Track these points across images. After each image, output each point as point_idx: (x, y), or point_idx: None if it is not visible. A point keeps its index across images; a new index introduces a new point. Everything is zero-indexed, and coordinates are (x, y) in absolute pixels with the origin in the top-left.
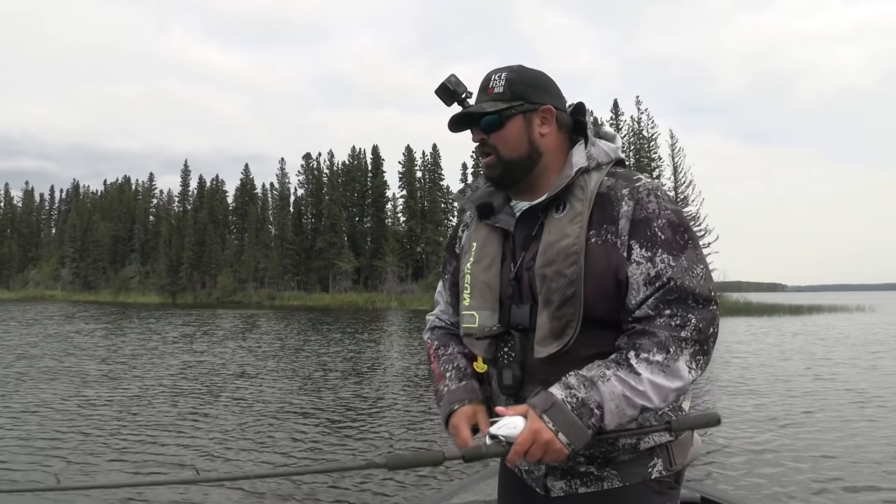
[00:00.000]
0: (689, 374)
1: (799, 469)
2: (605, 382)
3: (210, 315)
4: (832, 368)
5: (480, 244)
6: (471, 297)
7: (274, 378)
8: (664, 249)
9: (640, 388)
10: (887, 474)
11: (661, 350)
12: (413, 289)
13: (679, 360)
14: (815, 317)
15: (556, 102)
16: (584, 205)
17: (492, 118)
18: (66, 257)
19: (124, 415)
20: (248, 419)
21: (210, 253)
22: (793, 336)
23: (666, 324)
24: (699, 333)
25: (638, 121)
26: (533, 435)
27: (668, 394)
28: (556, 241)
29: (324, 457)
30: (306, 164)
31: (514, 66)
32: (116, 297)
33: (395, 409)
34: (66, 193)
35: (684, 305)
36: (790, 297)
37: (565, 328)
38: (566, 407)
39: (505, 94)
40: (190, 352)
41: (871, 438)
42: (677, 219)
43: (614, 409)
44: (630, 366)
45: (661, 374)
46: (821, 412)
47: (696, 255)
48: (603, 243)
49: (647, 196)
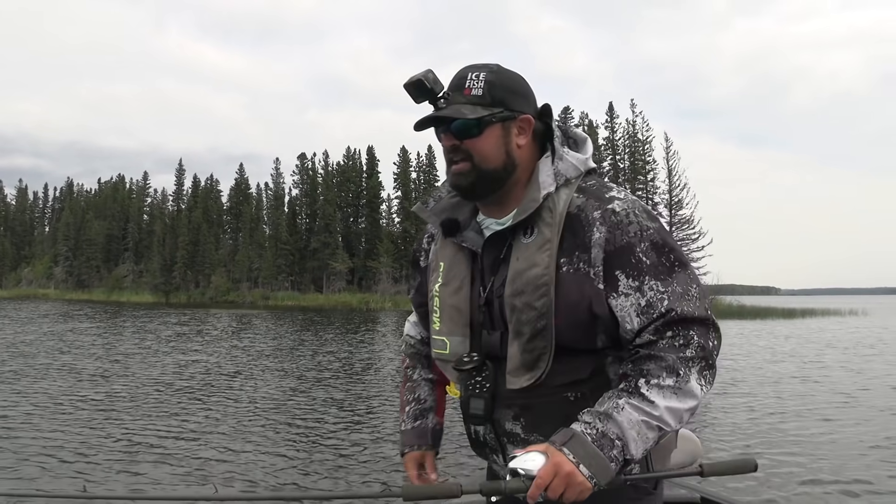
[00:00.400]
0: (701, 391)
1: (795, 468)
2: (621, 413)
3: (204, 315)
4: (822, 371)
5: (448, 264)
6: (440, 321)
7: (269, 380)
8: (651, 276)
9: (657, 413)
10: (882, 474)
11: (671, 374)
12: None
13: (690, 381)
14: (808, 320)
15: (534, 110)
16: (552, 230)
17: (468, 123)
18: (59, 256)
19: (116, 417)
20: (246, 423)
21: (204, 252)
22: (785, 339)
23: (670, 345)
24: (703, 350)
25: (633, 124)
26: (554, 468)
27: (682, 415)
28: (525, 269)
29: (324, 467)
30: (301, 164)
31: (493, 66)
32: (110, 296)
33: (392, 413)
34: (60, 192)
35: (684, 326)
36: (783, 300)
37: (537, 361)
38: (586, 438)
39: (484, 99)
40: (183, 352)
41: (861, 438)
42: (660, 238)
43: (636, 436)
44: (641, 394)
45: (674, 397)
46: (812, 413)
47: (687, 275)
48: (575, 272)
49: (626, 218)
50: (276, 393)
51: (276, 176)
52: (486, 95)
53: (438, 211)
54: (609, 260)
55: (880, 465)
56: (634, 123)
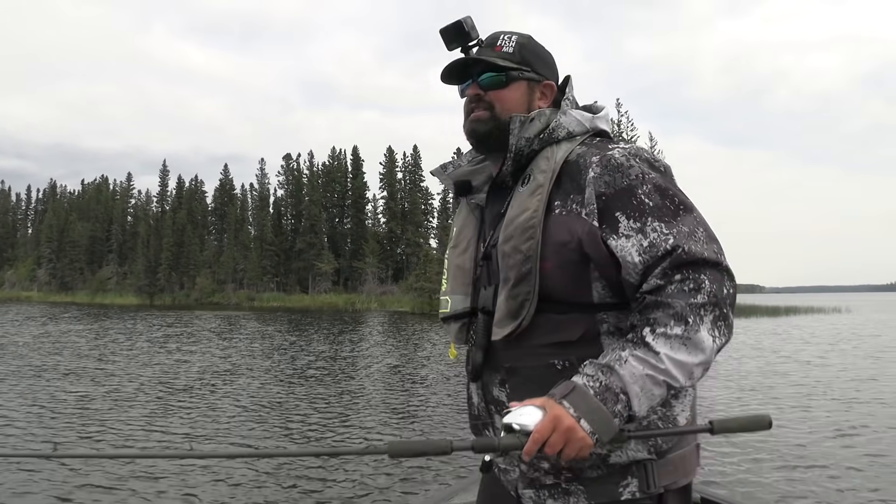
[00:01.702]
0: (713, 344)
1: (792, 468)
2: (624, 365)
3: (189, 316)
4: (811, 367)
5: (459, 227)
6: (447, 282)
7: (256, 382)
8: (655, 217)
9: (662, 367)
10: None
11: (679, 321)
12: (393, 290)
13: (700, 330)
14: (791, 318)
15: (557, 83)
16: (545, 176)
17: (497, 76)
18: (42, 258)
19: (98, 417)
20: (232, 424)
21: (188, 254)
22: (772, 335)
23: (679, 290)
24: (715, 296)
25: (618, 123)
26: (553, 422)
27: (692, 370)
28: (517, 215)
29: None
30: (286, 164)
31: (522, 34)
32: (94, 299)
33: (383, 410)
34: (43, 193)
35: (694, 268)
36: (768, 298)
37: (520, 307)
38: (588, 391)
39: (514, 56)
40: (169, 353)
41: (857, 437)
42: (664, 182)
43: (640, 391)
44: (647, 344)
45: (683, 348)
46: (806, 411)
47: (694, 217)
48: (567, 213)
49: (627, 161)
50: (264, 394)
51: (262, 177)
52: (517, 54)
53: (455, 175)
54: (608, 202)
55: (839, 453)
56: (619, 123)
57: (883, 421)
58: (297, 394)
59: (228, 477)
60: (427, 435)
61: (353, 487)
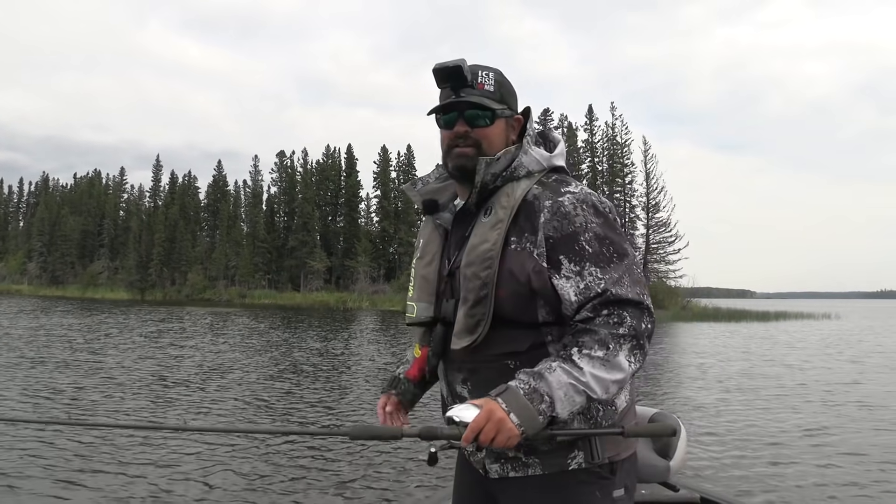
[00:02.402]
0: (629, 367)
1: (789, 466)
2: (552, 373)
3: (180, 312)
4: (794, 370)
5: (425, 240)
6: (413, 289)
7: (246, 378)
8: (592, 262)
9: (584, 379)
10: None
11: (602, 346)
12: (385, 289)
13: (619, 355)
14: (781, 323)
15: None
16: (505, 212)
17: (485, 114)
18: (33, 251)
19: (91, 408)
20: (222, 418)
21: (180, 250)
22: (761, 339)
23: (604, 322)
24: (634, 330)
25: (612, 127)
26: (487, 414)
27: (608, 385)
28: (478, 244)
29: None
30: (280, 161)
31: (495, 69)
32: (84, 293)
33: (371, 406)
34: (35, 186)
35: (619, 307)
36: (758, 303)
37: (476, 325)
38: (519, 392)
39: (495, 95)
40: (160, 348)
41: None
42: (603, 231)
43: (563, 396)
44: (573, 361)
45: (602, 367)
46: (797, 413)
47: (624, 264)
48: (521, 251)
49: (574, 210)
50: (253, 389)
51: (255, 173)
52: (497, 92)
53: (424, 192)
54: (555, 245)
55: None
56: (614, 126)
57: (854, 421)
58: (287, 389)
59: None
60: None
61: (349, 489)
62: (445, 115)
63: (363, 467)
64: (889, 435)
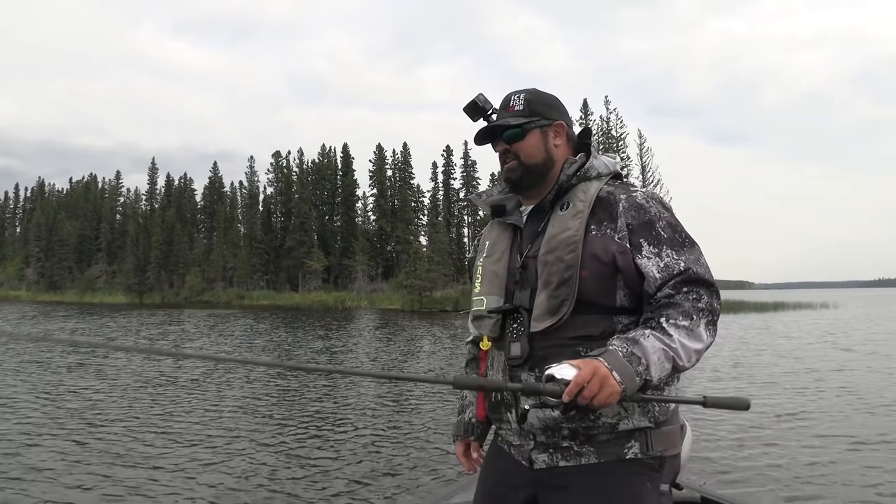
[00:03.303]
0: (707, 338)
1: (788, 463)
2: (646, 339)
3: (179, 315)
4: (787, 359)
5: (493, 241)
6: (481, 284)
7: (248, 382)
8: (668, 246)
9: (674, 346)
10: None
11: (686, 317)
12: (383, 287)
13: (700, 326)
14: (779, 313)
15: (567, 120)
16: (585, 204)
17: (515, 131)
18: (30, 257)
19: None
20: (224, 418)
21: (178, 252)
22: (757, 329)
23: (686, 297)
24: (711, 306)
25: (607, 120)
26: (593, 369)
27: (691, 354)
28: (559, 232)
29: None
30: (276, 162)
31: (530, 89)
32: (82, 298)
33: (375, 403)
34: (32, 191)
35: (696, 285)
36: (757, 294)
37: (560, 306)
38: (619, 353)
39: (524, 111)
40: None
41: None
42: (674, 220)
43: (656, 360)
44: (663, 328)
45: (687, 336)
46: (803, 409)
47: (696, 249)
48: (602, 236)
49: (647, 202)
50: (255, 388)
51: (251, 174)
52: (526, 109)
53: (490, 201)
54: (634, 230)
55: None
56: (608, 120)
57: (835, 407)
58: (287, 388)
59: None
60: (416, 426)
61: (352, 484)
62: (492, 141)
63: (377, 461)
64: (882, 419)
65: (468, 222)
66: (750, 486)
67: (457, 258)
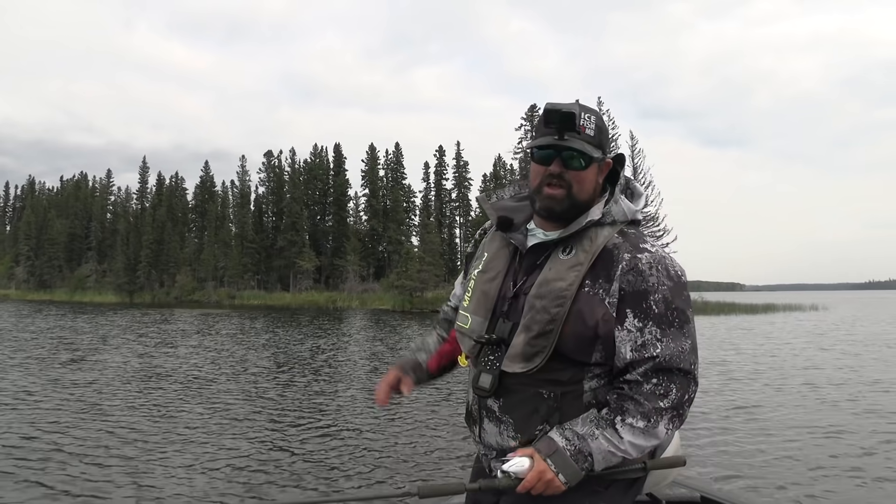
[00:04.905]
0: (665, 435)
1: (785, 463)
2: (594, 440)
3: (169, 314)
4: (771, 358)
5: (491, 255)
6: (470, 300)
7: (239, 380)
8: (654, 323)
9: (622, 447)
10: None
11: (644, 419)
12: (374, 288)
13: (658, 427)
14: (768, 315)
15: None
16: (586, 256)
17: (580, 159)
18: (20, 255)
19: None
20: (214, 419)
21: (168, 251)
22: (745, 331)
23: (651, 392)
24: (678, 401)
25: None
26: (539, 475)
27: (644, 449)
28: (553, 279)
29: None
30: (268, 161)
31: (595, 110)
32: (72, 297)
33: (364, 407)
34: (22, 190)
35: (668, 376)
36: (748, 296)
37: (535, 356)
38: (566, 454)
39: (594, 140)
40: (150, 350)
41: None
42: (671, 295)
43: (602, 459)
44: (615, 429)
45: (641, 436)
46: (783, 404)
47: (684, 332)
48: (594, 295)
49: (650, 269)
50: (245, 389)
51: (243, 174)
52: (596, 138)
53: (498, 208)
54: (625, 297)
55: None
56: None
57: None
58: (279, 390)
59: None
60: (409, 425)
61: (347, 486)
62: (541, 151)
63: (374, 455)
64: (872, 417)
65: (460, 223)
66: (746, 483)
67: (448, 259)
